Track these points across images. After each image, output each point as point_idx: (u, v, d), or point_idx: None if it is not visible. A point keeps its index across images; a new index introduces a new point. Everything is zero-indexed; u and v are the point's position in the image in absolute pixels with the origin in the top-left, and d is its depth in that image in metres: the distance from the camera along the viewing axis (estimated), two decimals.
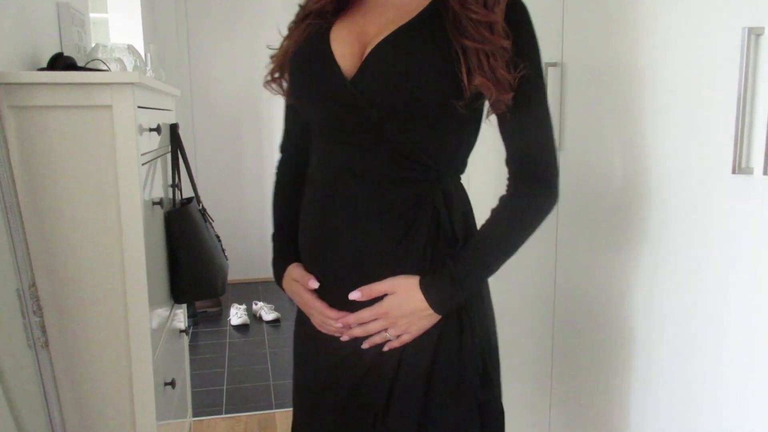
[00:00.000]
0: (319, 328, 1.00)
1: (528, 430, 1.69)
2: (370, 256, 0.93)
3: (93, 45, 1.89)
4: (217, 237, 2.01)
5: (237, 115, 4.44)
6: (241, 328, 3.68)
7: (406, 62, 0.87)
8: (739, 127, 0.91)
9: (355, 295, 0.93)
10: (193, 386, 2.49)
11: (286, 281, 1.04)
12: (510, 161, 0.95)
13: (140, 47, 3.45)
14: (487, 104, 0.93)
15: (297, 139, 1.10)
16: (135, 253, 1.33)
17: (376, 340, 0.95)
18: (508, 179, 0.96)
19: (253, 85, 4.40)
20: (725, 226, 0.98)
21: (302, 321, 1.06)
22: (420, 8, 0.92)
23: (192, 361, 2.80)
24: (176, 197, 1.90)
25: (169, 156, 1.88)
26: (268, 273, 1.14)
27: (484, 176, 1.48)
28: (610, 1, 1.26)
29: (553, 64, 1.45)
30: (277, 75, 1.02)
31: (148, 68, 1.98)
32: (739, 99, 0.90)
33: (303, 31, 0.96)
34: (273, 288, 4.31)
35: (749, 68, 0.89)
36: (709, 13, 1.00)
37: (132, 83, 1.27)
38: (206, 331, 3.63)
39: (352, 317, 0.95)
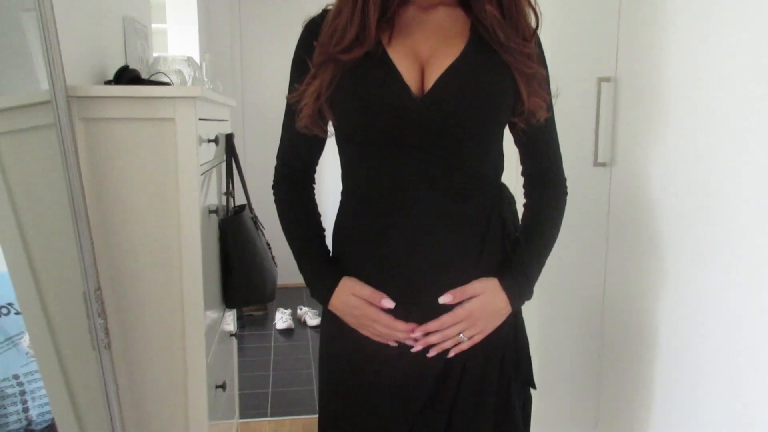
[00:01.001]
0: (376, 338, 1.03)
1: None
2: (449, 267, 0.99)
3: (155, 57, 1.97)
4: (268, 244, 2.06)
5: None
6: (286, 332, 3.74)
7: (476, 84, 0.95)
8: None
9: (446, 299, 0.98)
10: (239, 388, 2.56)
11: (342, 297, 1.04)
12: (534, 173, 1.09)
13: (197, 56, 3.57)
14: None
15: (305, 155, 1.12)
16: (192, 259, 1.38)
17: (447, 345, 0.99)
18: (532, 188, 1.10)
19: None
20: None
21: (334, 322, 1.08)
22: (458, 26, 1.00)
23: (238, 363, 2.87)
24: (230, 205, 1.96)
25: (224, 165, 1.94)
26: None
27: None
28: (666, 17, 1.26)
29: (607, 79, 1.45)
30: (314, 116, 1.00)
31: (205, 80, 2.05)
32: None
33: (338, 69, 0.96)
34: None
35: None
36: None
37: (194, 97, 1.33)
38: (252, 334, 3.71)
39: (434, 324, 0.98)
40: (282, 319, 3.79)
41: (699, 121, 1.16)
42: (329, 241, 1.12)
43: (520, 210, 1.11)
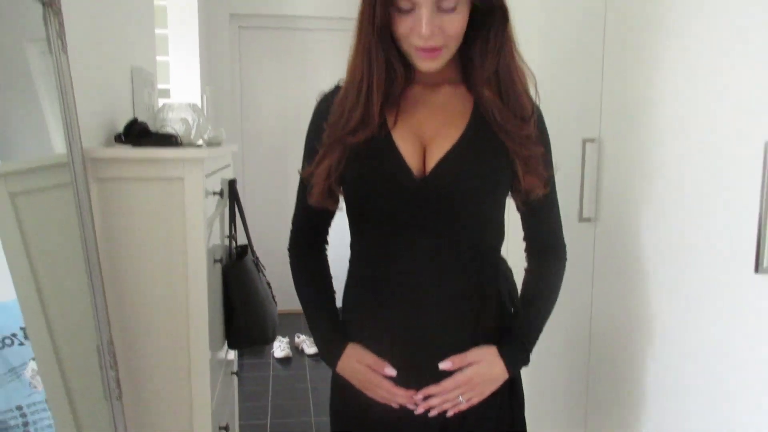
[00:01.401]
0: (379, 400, 1.09)
1: None
2: (450, 336, 1.06)
3: (161, 104, 2.05)
4: (268, 284, 2.13)
5: (283, 148, 4.62)
6: (284, 360, 3.79)
7: (474, 167, 1.01)
8: (763, 224, 0.98)
9: (446, 365, 1.05)
10: (239, 419, 2.61)
11: (348, 363, 1.11)
12: (534, 240, 1.15)
13: (197, 87, 3.66)
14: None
15: (317, 224, 1.19)
16: (199, 309, 1.46)
17: (447, 406, 1.06)
18: (532, 254, 1.15)
19: (300, 123, 4.58)
20: (745, 324, 1.05)
21: (343, 379, 1.15)
22: (461, 104, 1.06)
23: (237, 392, 2.92)
24: (232, 246, 2.04)
25: (226, 208, 2.02)
26: None
27: None
28: (646, 82, 1.34)
29: (591, 140, 1.53)
30: (324, 194, 1.07)
31: (209, 127, 2.13)
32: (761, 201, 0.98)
33: (346, 150, 1.03)
34: None
35: None
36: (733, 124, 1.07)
37: (202, 159, 1.41)
38: (250, 362, 3.75)
39: (435, 388, 1.05)
40: (280, 347, 3.84)
41: (678, 178, 1.24)
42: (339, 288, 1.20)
43: (518, 275, 1.17)
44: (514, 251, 1.17)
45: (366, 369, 1.09)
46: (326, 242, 1.22)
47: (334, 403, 1.22)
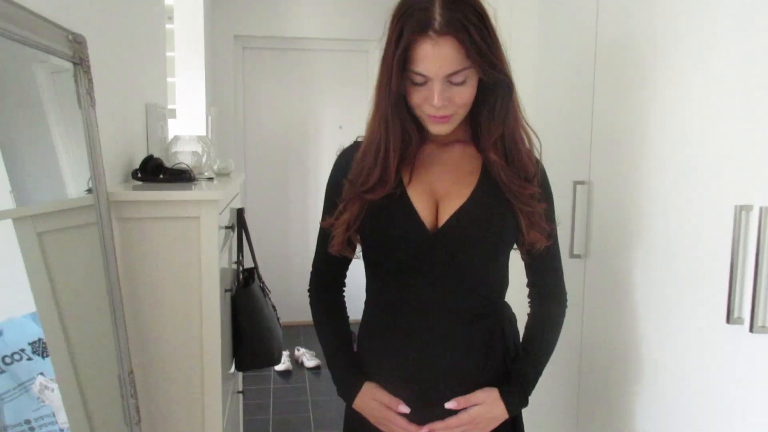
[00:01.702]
0: None
1: None
2: (458, 377, 1.16)
3: (172, 137, 2.15)
4: (273, 307, 2.22)
5: (285, 166, 4.73)
6: (285, 373, 3.88)
7: (482, 224, 1.12)
8: (735, 277, 1.08)
9: (452, 405, 1.15)
10: None
11: (364, 400, 1.21)
12: (537, 287, 1.25)
13: (203, 107, 3.76)
14: None
15: (336, 269, 1.29)
16: (212, 339, 1.55)
17: None
18: (534, 300, 1.26)
19: (301, 141, 4.69)
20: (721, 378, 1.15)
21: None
22: (471, 163, 1.17)
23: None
24: (239, 270, 2.13)
25: (233, 235, 2.11)
26: (308, 317, 1.34)
27: None
28: (631, 129, 1.45)
29: (582, 182, 1.64)
30: (343, 243, 1.17)
31: (217, 160, 2.23)
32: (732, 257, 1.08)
33: (364, 205, 1.13)
34: (313, 333, 4.52)
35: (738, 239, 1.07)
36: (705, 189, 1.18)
37: (216, 200, 1.51)
38: (251, 375, 3.84)
39: (441, 425, 1.15)
40: (281, 360, 3.93)
41: (663, 223, 1.35)
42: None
43: (519, 318, 1.27)
44: (514, 296, 1.27)
45: (381, 406, 1.18)
46: (344, 285, 1.32)
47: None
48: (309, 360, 3.99)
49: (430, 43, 0.99)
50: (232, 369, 2.03)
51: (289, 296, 4.52)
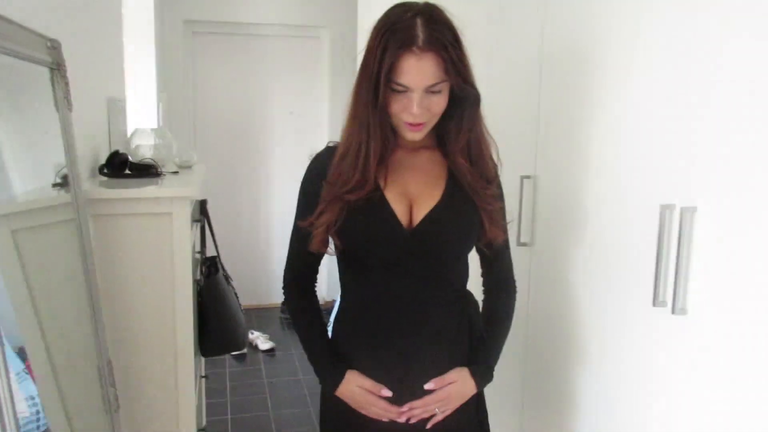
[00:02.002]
0: (373, 416, 1.31)
1: None
2: (433, 360, 1.30)
3: (132, 130, 2.19)
4: (236, 294, 2.31)
5: (237, 151, 4.75)
6: (240, 356, 3.96)
7: (453, 221, 1.26)
8: (661, 264, 1.25)
9: (430, 386, 1.29)
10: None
11: (347, 387, 1.31)
12: (491, 276, 1.41)
13: (153, 93, 3.73)
14: None
15: (311, 265, 1.38)
16: (185, 327, 1.64)
17: (426, 416, 1.30)
18: (489, 287, 1.41)
19: (253, 127, 4.71)
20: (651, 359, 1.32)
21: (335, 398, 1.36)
22: (437, 168, 1.30)
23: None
24: (202, 259, 2.20)
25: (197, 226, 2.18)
26: (261, 300, 1.44)
27: None
28: (576, 127, 1.60)
29: (528, 177, 1.79)
30: (324, 242, 1.27)
31: (179, 153, 2.28)
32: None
33: (344, 206, 1.22)
34: (267, 316, 4.61)
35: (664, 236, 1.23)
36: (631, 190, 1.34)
37: (188, 197, 1.58)
38: (208, 360, 3.90)
39: (419, 403, 1.29)
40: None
41: (597, 215, 1.51)
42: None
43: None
44: (469, 285, 1.41)
45: (364, 391, 1.30)
46: (316, 280, 1.42)
47: (327, 424, 1.43)
48: (263, 343, 4.08)
49: (414, 58, 1.10)
50: (199, 358, 2.11)
51: (242, 280, 4.54)
